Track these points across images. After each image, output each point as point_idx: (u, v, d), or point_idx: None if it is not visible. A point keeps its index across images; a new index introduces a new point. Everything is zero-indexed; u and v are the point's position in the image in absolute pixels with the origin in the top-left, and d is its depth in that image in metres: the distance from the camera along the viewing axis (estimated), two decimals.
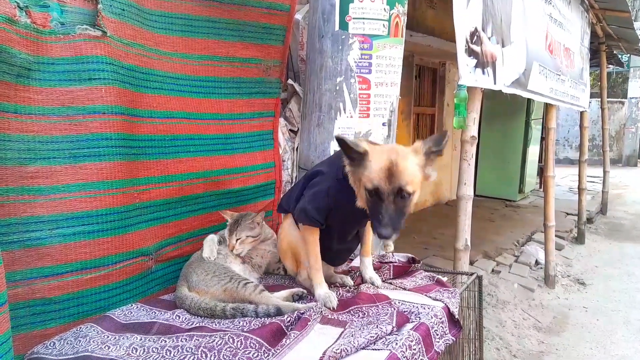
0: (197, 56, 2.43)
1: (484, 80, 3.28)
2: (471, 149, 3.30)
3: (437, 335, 1.83)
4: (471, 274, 2.50)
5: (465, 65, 3.04)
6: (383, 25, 2.57)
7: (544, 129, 6.97)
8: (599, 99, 8.66)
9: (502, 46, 3.54)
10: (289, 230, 2.17)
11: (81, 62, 1.89)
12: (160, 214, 2.26)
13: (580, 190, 7.15)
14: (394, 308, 1.90)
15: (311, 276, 2.05)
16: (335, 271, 2.34)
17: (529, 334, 4.29)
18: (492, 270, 5.41)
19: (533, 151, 9.36)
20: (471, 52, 3.11)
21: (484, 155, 8.97)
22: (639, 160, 16.57)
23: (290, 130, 3.10)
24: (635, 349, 4.03)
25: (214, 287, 1.99)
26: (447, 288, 2.18)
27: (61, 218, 1.86)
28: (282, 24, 2.78)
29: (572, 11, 5.48)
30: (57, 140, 1.85)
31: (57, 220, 1.85)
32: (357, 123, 2.62)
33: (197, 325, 1.80)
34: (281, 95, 2.97)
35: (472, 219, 3.40)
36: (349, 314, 1.90)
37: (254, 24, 2.64)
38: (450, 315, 1.98)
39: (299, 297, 2.04)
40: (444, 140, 1.74)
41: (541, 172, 8.80)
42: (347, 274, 2.38)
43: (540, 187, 9.81)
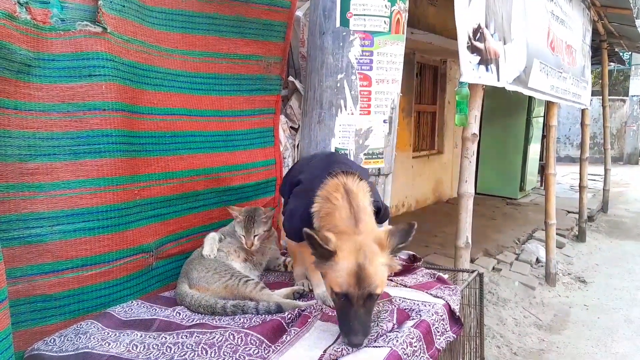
0: (198, 53, 2.43)
1: (487, 77, 3.26)
2: (472, 147, 3.30)
3: (438, 332, 1.83)
4: (472, 272, 2.49)
5: (468, 62, 3.03)
6: (384, 21, 2.56)
7: (545, 127, 6.96)
8: (600, 97, 8.63)
9: (504, 43, 3.53)
10: None
11: (81, 59, 1.88)
12: (160, 211, 2.26)
13: (581, 188, 7.14)
14: (395, 305, 1.90)
15: (309, 277, 2.07)
16: None
17: (529, 332, 4.29)
18: (493, 268, 5.41)
19: (534, 149, 9.35)
20: (474, 49, 3.10)
21: (485, 153, 8.95)
22: None
23: (291, 127, 3.09)
24: (636, 346, 4.03)
25: (215, 284, 1.99)
26: (448, 285, 2.18)
27: (61, 215, 1.86)
28: (283, 21, 2.78)
29: (574, 8, 5.46)
30: (57, 137, 1.85)
31: (57, 217, 1.85)
32: (358, 120, 2.62)
33: (198, 322, 1.80)
34: (282, 92, 2.97)
35: (473, 217, 3.40)
36: None
37: (254, 21, 2.64)
38: (451, 312, 1.97)
39: (299, 295, 2.04)
40: (410, 235, 1.65)
41: (542, 170, 8.78)
42: None
43: (541, 185, 9.80)
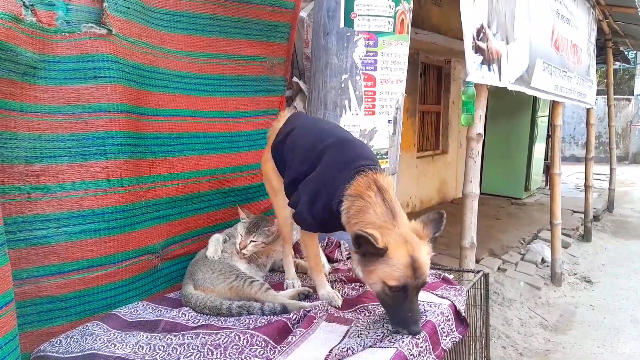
0: (202, 54, 2.43)
1: (490, 77, 3.26)
2: (477, 147, 3.29)
3: (444, 332, 1.82)
4: (477, 272, 2.49)
5: (473, 62, 3.03)
6: (388, 22, 2.56)
7: (550, 127, 6.92)
8: (605, 96, 8.60)
9: (507, 43, 3.52)
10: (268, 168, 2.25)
11: (87, 61, 1.89)
12: (166, 212, 2.26)
13: (586, 187, 7.11)
14: None
15: (313, 278, 2.07)
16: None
17: (535, 332, 4.27)
18: (498, 268, 5.39)
19: (539, 149, 9.32)
20: (478, 49, 3.10)
21: (490, 153, 8.93)
22: None
23: None
24: None
25: (220, 285, 1.99)
26: (453, 286, 2.17)
27: (67, 216, 1.86)
28: (287, 22, 2.78)
29: (579, 7, 5.45)
30: (63, 139, 1.86)
31: (63, 219, 1.85)
32: (362, 120, 2.61)
33: (203, 323, 1.80)
34: (286, 93, 2.97)
35: (478, 217, 3.39)
36: (355, 313, 1.89)
37: (259, 22, 2.64)
38: (456, 312, 1.96)
39: (305, 296, 2.04)
40: (442, 224, 1.68)
41: (547, 170, 8.74)
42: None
43: (547, 185, 9.76)
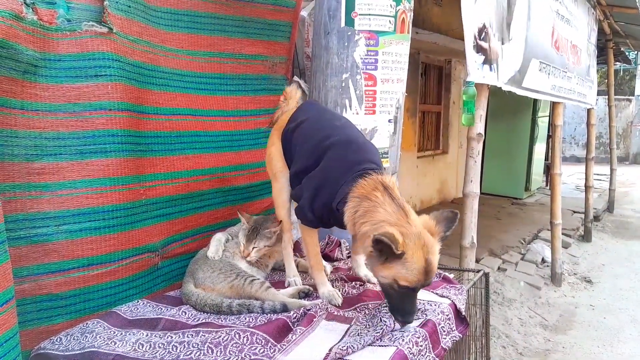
0: (203, 53, 2.44)
1: (491, 77, 3.26)
2: (477, 147, 3.29)
3: (444, 331, 1.82)
4: (478, 271, 2.49)
5: (474, 62, 3.02)
6: (389, 21, 2.56)
7: (551, 127, 6.92)
8: (606, 97, 8.59)
9: (502, 43, 3.52)
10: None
11: (87, 59, 1.89)
12: (166, 211, 2.27)
13: (587, 188, 7.11)
14: None
15: (313, 276, 2.07)
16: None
17: (535, 332, 4.27)
18: (499, 268, 5.39)
19: (539, 149, 9.31)
20: (479, 49, 3.09)
21: (490, 152, 8.93)
22: None
23: None
24: None
25: (220, 284, 1.99)
26: (453, 285, 2.17)
27: (67, 214, 1.86)
28: (288, 21, 2.78)
29: (579, 7, 5.44)
30: (63, 137, 1.86)
31: (63, 217, 1.85)
32: (363, 120, 2.61)
33: (203, 321, 1.80)
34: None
35: (478, 217, 3.39)
36: (355, 311, 1.89)
37: (259, 21, 2.64)
38: (457, 312, 1.97)
39: (305, 294, 2.04)
40: (454, 223, 1.71)
41: (547, 170, 8.74)
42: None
43: (547, 185, 9.75)
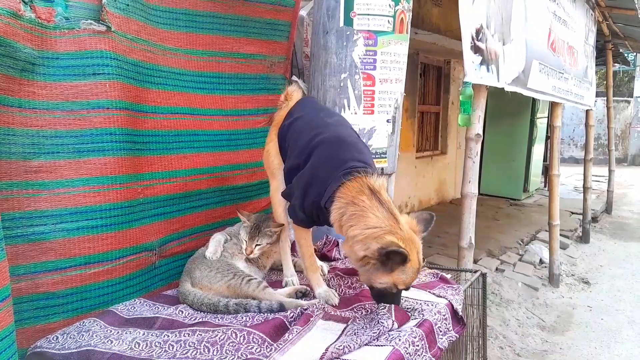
0: (202, 52, 2.43)
1: (488, 78, 3.26)
2: (476, 147, 3.29)
3: (441, 332, 1.82)
4: (475, 272, 2.48)
5: (471, 63, 3.03)
6: (388, 21, 2.56)
7: (549, 128, 6.93)
8: (605, 98, 8.60)
9: (503, 44, 3.52)
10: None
11: (85, 57, 1.89)
12: (163, 210, 2.26)
13: (585, 189, 7.11)
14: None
15: (308, 277, 2.06)
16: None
17: (532, 333, 4.28)
18: (496, 269, 5.39)
19: (538, 150, 9.32)
20: (477, 49, 3.10)
21: (489, 153, 8.94)
22: None
23: None
24: None
25: (218, 283, 1.99)
26: (450, 285, 2.17)
27: (65, 213, 1.86)
28: (287, 20, 2.78)
29: (577, 9, 5.44)
30: (61, 135, 1.86)
31: (60, 215, 1.85)
32: (361, 119, 2.61)
33: (200, 320, 1.80)
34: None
35: (477, 218, 3.39)
36: (352, 311, 1.89)
37: (258, 20, 2.64)
38: (454, 312, 1.97)
39: (302, 294, 2.04)
40: (431, 225, 1.91)
41: (546, 171, 8.74)
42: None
43: (545, 186, 9.76)
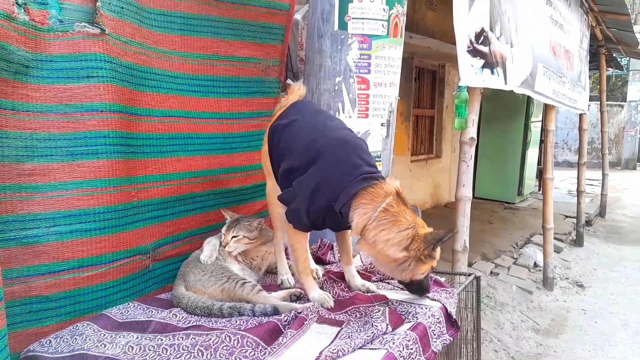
0: (196, 55, 2.43)
1: (493, 81, 3.24)
2: (470, 151, 3.30)
3: (435, 335, 1.83)
4: (469, 275, 2.49)
5: (470, 66, 3.02)
6: (382, 25, 2.57)
7: (543, 131, 6.97)
8: (598, 102, 8.66)
9: (511, 46, 3.52)
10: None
11: (79, 60, 1.88)
12: (158, 213, 2.26)
13: (579, 192, 7.15)
14: (388, 306, 1.90)
15: (301, 281, 2.04)
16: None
17: (527, 336, 4.29)
18: (491, 272, 5.41)
19: (532, 153, 9.36)
20: (477, 53, 3.09)
21: (483, 157, 8.97)
22: (638, 163, 16.59)
23: None
24: (633, 351, 4.03)
25: (212, 287, 1.99)
26: (445, 288, 2.17)
27: (58, 216, 1.85)
28: (282, 24, 2.78)
29: (572, 14, 5.48)
30: (54, 138, 1.85)
31: (54, 218, 1.84)
32: (355, 123, 2.62)
33: (194, 324, 1.79)
34: (280, 95, 2.97)
35: (471, 221, 3.40)
36: (346, 314, 1.89)
37: (253, 23, 2.64)
38: (447, 315, 1.97)
39: (296, 297, 2.04)
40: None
41: (540, 175, 8.80)
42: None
43: (539, 190, 9.80)
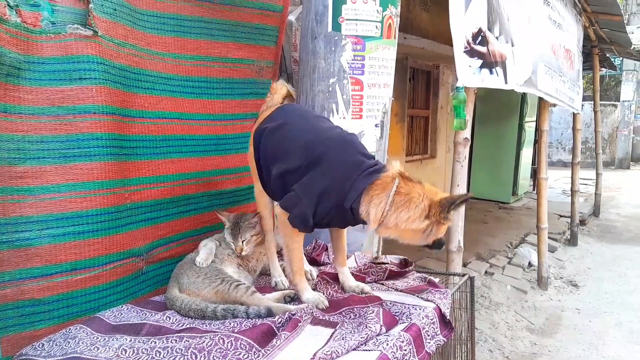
0: (190, 56, 2.43)
1: (492, 81, 3.23)
2: (464, 151, 3.30)
3: (428, 335, 1.83)
4: (463, 275, 2.50)
5: (467, 67, 3.01)
6: (376, 26, 2.58)
7: (537, 131, 6.99)
8: (592, 102, 8.70)
9: (512, 45, 3.51)
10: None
11: (72, 62, 1.88)
12: (151, 215, 2.25)
13: (573, 192, 7.18)
14: (382, 307, 1.90)
15: (295, 282, 2.03)
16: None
17: (521, 336, 4.30)
18: (486, 272, 5.42)
19: (526, 153, 9.40)
20: (474, 53, 3.08)
21: (478, 157, 9.00)
22: (631, 162, 16.69)
23: None
24: (627, 350, 4.05)
25: (206, 289, 1.98)
26: (438, 289, 2.18)
27: (51, 218, 1.85)
28: (275, 25, 2.79)
29: (569, 13, 5.51)
30: (47, 140, 1.84)
31: (46, 221, 1.84)
32: (349, 124, 2.62)
33: (188, 326, 1.79)
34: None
35: (466, 221, 3.41)
36: (340, 315, 1.89)
37: (246, 25, 2.64)
38: (441, 316, 1.97)
39: (290, 299, 2.04)
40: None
41: (534, 175, 8.83)
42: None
43: (534, 190, 9.84)
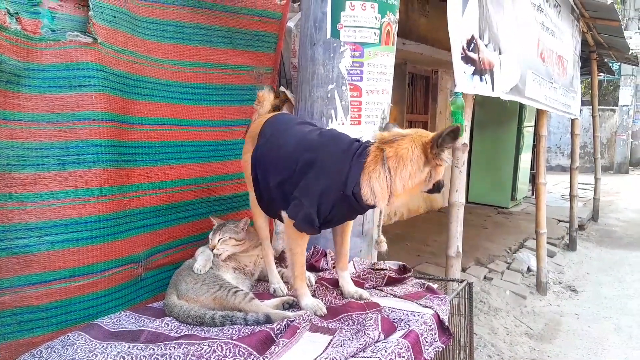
0: (189, 63, 2.44)
1: (482, 88, 3.26)
2: (462, 156, 3.31)
3: (427, 342, 1.83)
4: (462, 281, 2.50)
5: (463, 73, 3.03)
6: (374, 33, 2.59)
7: (536, 136, 7.00)
8: (591, 107, 8.73)
9: (500, 53, 3.54)
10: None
11: (71, 69, 1.89)
12: (150, 221, 2.26)
13: (571, 197, 7.18)
14: (380, 314, 1.90)
15: (295, 286, 2.03)
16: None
17: (520, 341, 4.30)
18: (484, 277, 5.42)
19: (525, 158, 9.41)
20: (468, 60, 3.11)
21: (476, 162, 9.01)
22: (630, 167, 16.72)
23: None
24: (626, 355, 4.04)
25: (204, 295, 1.98)
26: (437, 295, 2.18)
27: (49, 225, 1.85)
28: (274, 32, 2.80)
29: (563, 20, 5.53)
30: (46, 147, 1.85)
31: (45, 228, 1.84)
32: (348, 130, 2.61)
33: (186, 333, 1.79)
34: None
35: (465, 226, 3.41)
36: (338, 322, 1.89)
37: (245, 32, 2.65)
38: (440, 322, 1.97)
39: (289, 306, 2.04)
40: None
41: (533, 179, 8.83)
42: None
43: (532, 194, 9.85)
